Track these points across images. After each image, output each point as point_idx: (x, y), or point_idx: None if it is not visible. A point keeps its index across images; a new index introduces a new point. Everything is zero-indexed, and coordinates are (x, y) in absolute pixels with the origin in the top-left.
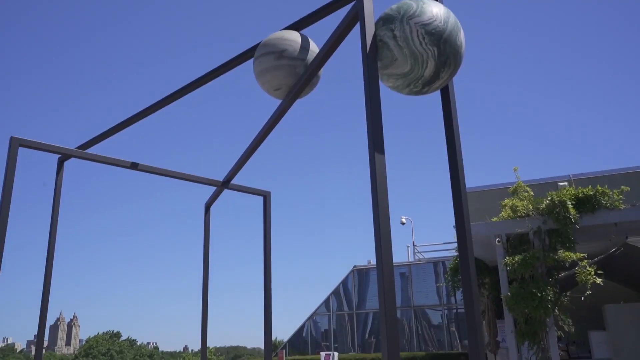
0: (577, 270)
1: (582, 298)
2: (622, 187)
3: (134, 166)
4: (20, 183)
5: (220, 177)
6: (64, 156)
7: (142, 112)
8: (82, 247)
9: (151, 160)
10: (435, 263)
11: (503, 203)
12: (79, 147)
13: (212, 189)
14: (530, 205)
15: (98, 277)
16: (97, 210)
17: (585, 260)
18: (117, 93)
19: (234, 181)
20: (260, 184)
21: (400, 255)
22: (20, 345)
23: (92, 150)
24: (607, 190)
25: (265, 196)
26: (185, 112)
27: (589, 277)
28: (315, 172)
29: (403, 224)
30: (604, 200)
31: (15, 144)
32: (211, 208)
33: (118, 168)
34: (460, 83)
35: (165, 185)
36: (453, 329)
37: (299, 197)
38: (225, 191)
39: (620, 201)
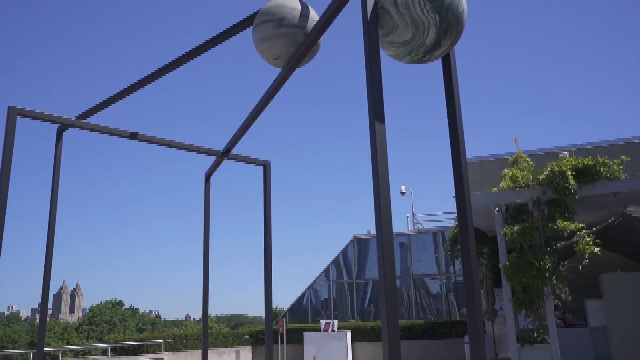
0: (575, 240)
1: (580, 267)
2: (622, 157)
3: (133, 136)
4: (21, 154)
5: (220, 147)
6: (63, 126)
7: (141, 81)
8: (84, 217)
9: (151, 130)
10: (435, 233)
11: (503, 173)
12: (78, 117)
13: (212, 159)
14: (530, 176)
15: (100, 247)
16: (97, 180)
17: (584, 230)
18: (117, 62)
19: (234, 151)
20: (260, 154)
21: (400, 225)
22: (25, 313)
23: (91, 120)
24: (607, 161)
25: (265, 166)
26: (185, 82)
27: (587, 246)
28: (315, 141)
29: (403, 194)
30: (604, 171)
31: (14, 113)
32: (211, 178)
33: (118, 138)
34: (461, 53)
35: (165, 156)
36: (452, 298)
37: (299, 166)
38: (226, 161)
39: (620, 172)
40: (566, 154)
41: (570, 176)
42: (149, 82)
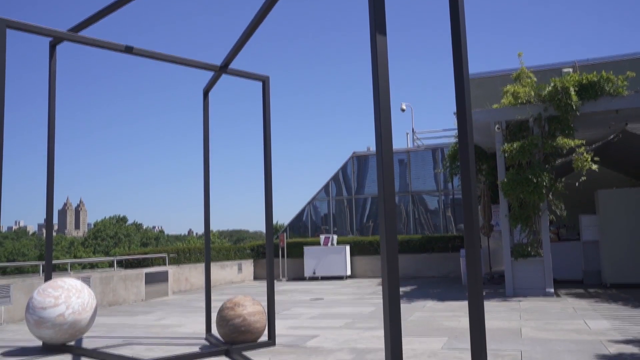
0: (574, 157)
1: (577, 184)
2: (628, 72)
3: (129, 50)
4: (17, 69)
5: (218, 62)
6: (56, 39)
7: None
8: (84, 133)
9: (148, 46)
10: (434, 150)
11: (505, 89)
12: (70, 30)
13: (210, 74)
14: (532, 92)
15: (101, 164)
16: (96, 96)
17: (583, 147)
18: None
19: (232, 66)
20: (259, 70)
21: (400, 141)
22: (32, 228)
23: (85, 33)
24: (611, 76)
25: (264, 81)
26: None
27: (585, 163)
28: (315, 59)
29: (403, 110)
30: (608, 87)
31: (3, 25)
32: (212, 94)
33: (114, 54)
34: None
35: (164, 72)
36: (449, 214)
37: (299, 82)
38: (225, 78)
39: (624, 87)
40: (570, 70)
41: (573, 92)
42: None
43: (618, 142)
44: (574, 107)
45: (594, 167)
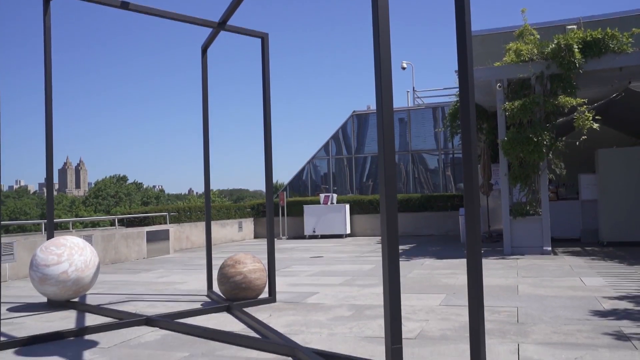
0: (575, 116)
1: (577, 143)
2: (634, 29)
3: (125, 5)
4: (13, 26)
5: (216, 18)
6: None
7: None
8: (82, 93)
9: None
10: (434, 108)
11: (507, 47)
12: None
13: (209, 30)
14: (535, 50)
15: (100, 123)
16: (94, 55)
17: (585, 106)
18: None
19: (231, 22)
20: (259, 28)
21: (400, 100)
22: (32, 187)
23: None
24: (616, 33)
25: (263, 38)
26: None
27: (586, 122)
28: (315, 16)
29: (404, 68)
30: (612, 44)
31: None
32: (212, 53)
33: (110, 9)
34: None
35: (162, 30)
36: (448, 173)
37: (300, 40)
38: (224, 34)
39: (629, 45)
40: (574, 26)
41: (576, 50)
42: None
43: (620, 100)
44: (577, 64)
45: (595, 126)
